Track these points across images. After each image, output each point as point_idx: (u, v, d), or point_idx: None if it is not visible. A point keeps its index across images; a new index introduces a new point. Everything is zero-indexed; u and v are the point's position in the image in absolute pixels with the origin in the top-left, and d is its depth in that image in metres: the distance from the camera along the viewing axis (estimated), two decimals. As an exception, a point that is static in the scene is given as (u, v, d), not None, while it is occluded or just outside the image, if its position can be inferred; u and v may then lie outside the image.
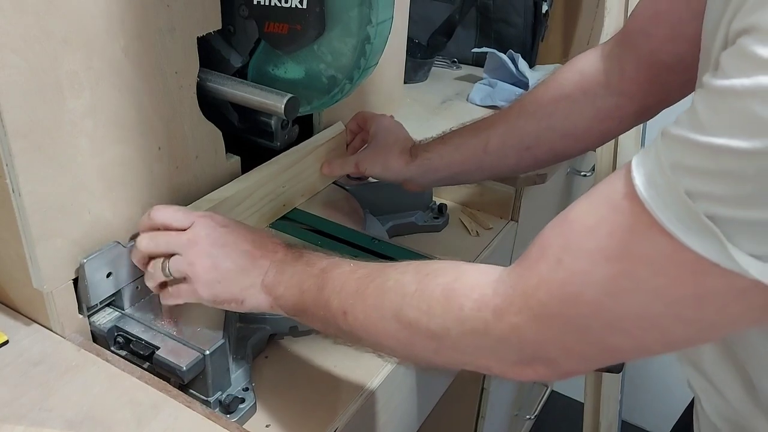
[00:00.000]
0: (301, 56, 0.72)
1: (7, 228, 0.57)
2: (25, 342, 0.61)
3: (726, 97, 0.31)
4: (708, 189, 0.32)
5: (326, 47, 0.70)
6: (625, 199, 0.36)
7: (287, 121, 0.78)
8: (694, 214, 0.32)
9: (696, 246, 0.33)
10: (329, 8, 0.67)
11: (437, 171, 0.76)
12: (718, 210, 0.32)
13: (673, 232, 0.33)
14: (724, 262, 0.32)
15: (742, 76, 0.30)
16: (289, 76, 0.74)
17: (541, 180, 0.97)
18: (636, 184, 0.35)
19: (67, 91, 0.55)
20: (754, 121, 0.29)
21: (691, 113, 0.33)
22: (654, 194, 0.34)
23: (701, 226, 0.32)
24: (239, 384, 0.63)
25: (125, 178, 0.62)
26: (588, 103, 0.67)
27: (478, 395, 1.13)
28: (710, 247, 0.32)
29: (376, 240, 0.76)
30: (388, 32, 0.71)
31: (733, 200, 0.31)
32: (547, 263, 0.40)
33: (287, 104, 0.66)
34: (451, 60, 1.39)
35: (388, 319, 0.48)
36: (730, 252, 0.32)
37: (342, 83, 0.72)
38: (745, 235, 0.31)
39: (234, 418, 0.59)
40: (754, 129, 0.30)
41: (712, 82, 0.32)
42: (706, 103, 0.32)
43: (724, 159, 0.31)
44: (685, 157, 0.33)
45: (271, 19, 0.69)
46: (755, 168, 0.30)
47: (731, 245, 0.32)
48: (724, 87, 0.31)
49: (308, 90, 0.74)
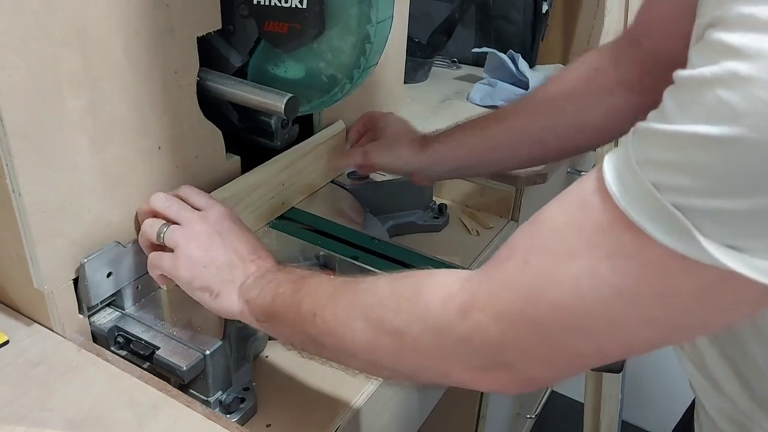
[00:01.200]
0: (301, 55, 0.72)
1: (7, 228, 0.57)
2: (25, 342, 0.61)
3: (692, 86, 0.31)
4: (675, 180, 0.31)
5: (326, 46, 0.70)
6: (594, 196, 0.35)
7: (287, 120, 0.78)
8: (662, 205, 0.32)
9: (663, 237, 0.32)
10: (329, 7, 0.67)
11: (447, 162, 0.76)
12: (686, 200, 0.31)
13: (639, 224, 0.33)
14: (693, 253, 0.31)
15: (709, 63, 0.30)
16: (289, 75, 0.74)
17: (541, 180, 0.97)
18: (606, 179, 0.35)
19: (67, 91, 0.54)
20: (720, 107, 0.29)
21: (659, 107, 0.33)
22: (622, 189, 0.34)
23: (669, 217, 0.32)
24: (239, 384, 0.62)
25: (125, 178, 0.62)
26: (600, 99, 0.66)
27: (478, 394, 1.13)
28: (678, 238, 0.32)
29: (376, 240, 0.76)
30: (388, 31, 0.71)
31: (700, 190, 0.31)
32: (514, 263, 0.40)
33: (287, 104, 0.66)
34: (451, 60, 1.39)
35: (355, 320, 0.47)
36: (700, 242, 0.31)
37: (342, 82, 0.72)
38: (716, 225, 0.31)
39: (234, 418, 0.59)
40: (720, 115, 0.29)
41: (679, 74, 0.32)
42: (673, 95, 0.32)
43: (690, 148, 0.30)
44: (652, 149, 0.32)
45: (271, 18, 0.69)
46: (722, 155, 0.29)
47: (701, 235, 0.31)
48: (691, 76, 0.31)
49: (308, 89, 0.74)
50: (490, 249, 0.91)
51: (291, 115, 0.68)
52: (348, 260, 0.73)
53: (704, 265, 0.31)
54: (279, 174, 0.79)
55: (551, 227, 0.38)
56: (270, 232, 0.79)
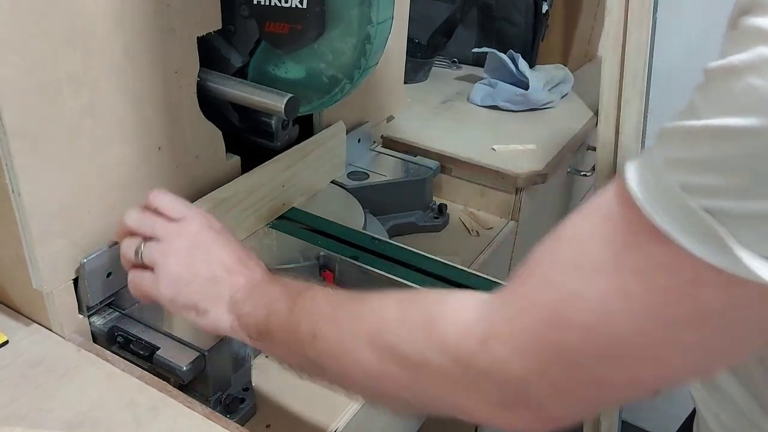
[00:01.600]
0: (301, 56, 0.72)
1: (6, 228, 0.57)
2: (24, 342, 0.61)
3: (722, 77, 0.28)
4: (705, 180, 0.28)
5: (327, 47, 0.70)
6: (618, 205, 0.33)
7: (287, 121, 0.78)
8: (691, 210, 0.29)
9: (693, 247, 0.29)
10: (330, 7, 0.67)
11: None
12: (718, 203, 0.28)
13: (668, 233, 0.30)
14: (728, 266, 0.28)
15: (740, 51, 0.27)
16: (290, 75, 0.74)
17: (541, 180, 0.97)
18: (629, 186, 0.32)
19: (67, 91, 0.54)
20: (753, 96, 0.26)
21: (687, 105, 0.30)
22: (647, 194, 0.31)
23: (700, 223, 0.28)
24: (239, 384, 0.62)
25: (125, 178, 0.62)
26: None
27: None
28: (711, 247, 0.28)
29: (377, 239, 0.76)
30: (388, 32, 0.71)
31: (734, 190, 0.28)
32: (535, 284, 0.36)
33: (287, 104, 0.66)
34: (451, 60, 1.39)
35: (361, 346, 0.43)
36: (736, 253, 0.28)
37: (342, 83, 0.72)
38: (754, 232, 0.28)
39: (234, 418, 0.59)
40: (752, 105, 0.26)
41: (708, 66, 0.29)
42: (701, 90, 0.30)
43: (720, 142, 0.28)
44: (679, 147, 0.30)
45: (272, 19, 0.69)
46: (756, 148, 0.27)
47: (736, 244, 0.28)
48: (721, 66, 0.28)
49: (308, 90, 0.74)
50: (489, 249, 0.91)
51: (291, 115, 0.68)
52: (348, 260, 0.73)
53: (741, 279, 0.28)
54: (279, 174, 0.79)
55: (574, 240, 0.35)
56: (270, 232, 0.79)
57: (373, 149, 1.00)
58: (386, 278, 0.71)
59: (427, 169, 0.94)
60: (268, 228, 0.79)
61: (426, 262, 0.73)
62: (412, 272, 0.71)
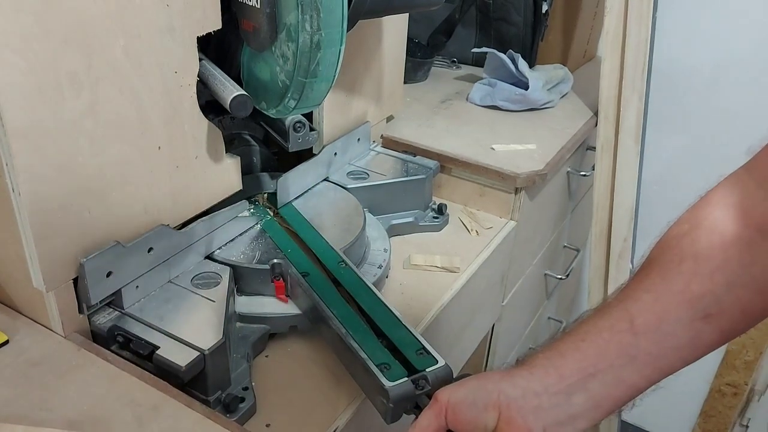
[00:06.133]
0: (265, 56, 0.70)
1: (6, 228, 0.57)
2: (25, 342, 0.61)
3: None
4: None
5: (279, 50, 0.68)
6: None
7: (301, 123, 0.77)
8: None
9: None
10: (279, 10, 0.65)
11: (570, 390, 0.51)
12: None
13: None
14: None
15: None
16: (261, 75, 0.72)
17: (541, 180, 0.97)
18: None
19: (67, 91, 0.55)
20: None
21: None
22: None
23: None
24: (239, 384, 0.63)
25: (125, 178, 0.62)
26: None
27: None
28: None
29: (344, 264, 0.72)
30: (336, 47, 0.65)
31: None
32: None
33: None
34: (451, 60, 1.39)
35: None
36: None
37: (291, 90, 0.68)
38: None
39: (234, 417, 0.59)
40: None
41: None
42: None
43: None
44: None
45: (243, 17, 0.68)
46: None
47: None
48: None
49: (269, 92, 0.72)
50: (489, 249, 0.91)
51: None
52: (299, 275, 0.70)
53: None
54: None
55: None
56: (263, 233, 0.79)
57: (372, 149, 1.00)
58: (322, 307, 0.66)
59: (427, 169, 0.94)
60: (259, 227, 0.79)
61: (377, 311, 0.66)
62: (352, 311, 0.66)
